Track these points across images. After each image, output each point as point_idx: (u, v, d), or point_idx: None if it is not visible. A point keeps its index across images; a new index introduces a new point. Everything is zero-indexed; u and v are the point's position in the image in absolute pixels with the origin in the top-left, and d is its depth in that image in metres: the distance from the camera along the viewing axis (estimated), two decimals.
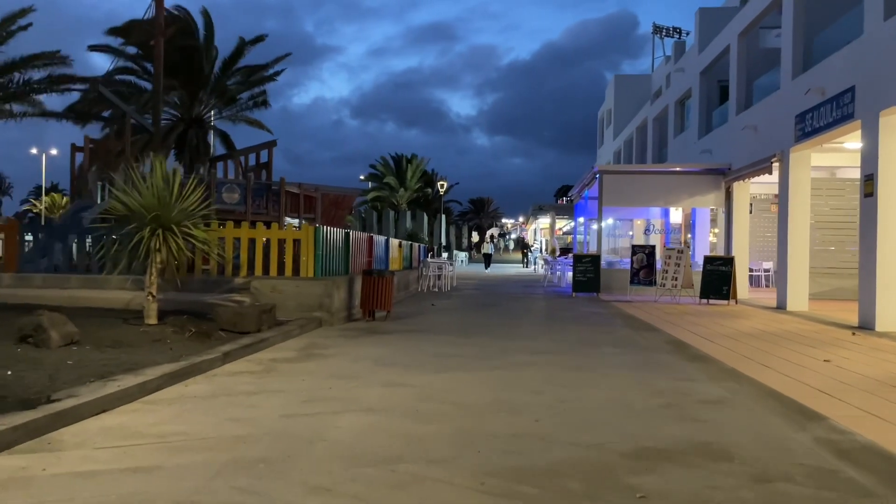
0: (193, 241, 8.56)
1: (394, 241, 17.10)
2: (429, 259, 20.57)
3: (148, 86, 31.02)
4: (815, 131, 13.02)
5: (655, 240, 27.69)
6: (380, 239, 15.27)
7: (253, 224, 10.85)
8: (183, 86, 29.28)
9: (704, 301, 15.68)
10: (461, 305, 14.62)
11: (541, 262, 37.65)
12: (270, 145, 20.15)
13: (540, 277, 29.09)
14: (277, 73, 32.40)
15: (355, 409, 5.07)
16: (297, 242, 10.59)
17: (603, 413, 5.11)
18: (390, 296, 10.96)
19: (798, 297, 14.17)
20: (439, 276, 19.56)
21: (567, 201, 74.89)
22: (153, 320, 8.21)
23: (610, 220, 40.04)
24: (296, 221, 19.59)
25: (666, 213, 24.51)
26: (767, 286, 19.51)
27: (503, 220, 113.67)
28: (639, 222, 33.25)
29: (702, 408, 5.28)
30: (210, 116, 32.69)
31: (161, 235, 8.13)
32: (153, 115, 14.93)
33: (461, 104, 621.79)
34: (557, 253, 32.75)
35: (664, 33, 41.38)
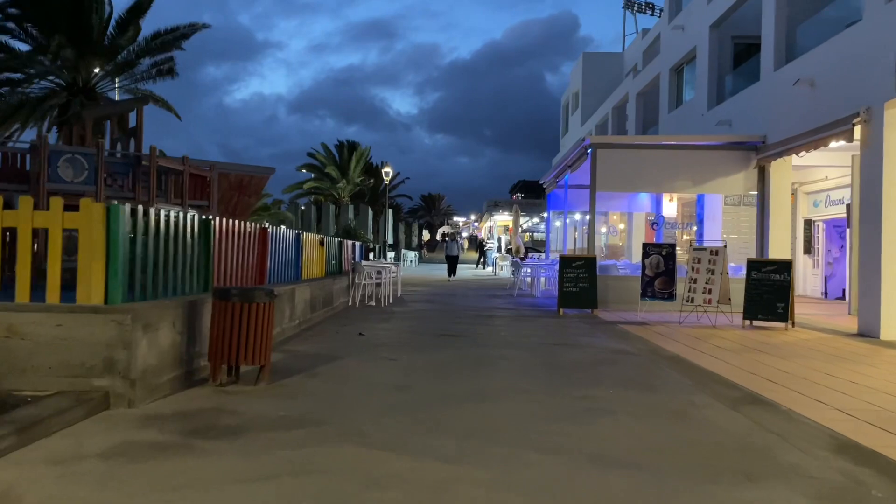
0: None
1: (310, 238, 12.02)
2: (363, 262, 15.53)
3: (23, 46, 25.25)
4: None
5: (651, 237, 23.27)
6: (283, 234, 10.17)
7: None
8: (68, 44, 23.49)
9: (748, 322, 11.11)
10: (404, 337, 9.62)
11: (500, 263, 33.00)
12: (140, 103, 14.75)
13: (502, 282, 24.32)
14: (186, 36, 26.97)
15: None
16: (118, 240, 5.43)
17: None
18: (267, 337, 5.87)
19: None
20: (379, 284, 14.56)
21: (521, 197, 70.62)
22: None
23: (577, 215, 35.64)
24: (183, 211, 14.30)
25: (658, 205, 20.03)
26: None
27: (455, 218, 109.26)
28: (615, 216, 28.90)
29: None
30: (106, 87, 26.90)
31: None
32: None
33: (402, 102, 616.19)
34: (523, 252, 28.07)
35: (636, 8, 37.22)
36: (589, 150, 13.89)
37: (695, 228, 15.73)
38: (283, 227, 10.36)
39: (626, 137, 17.77)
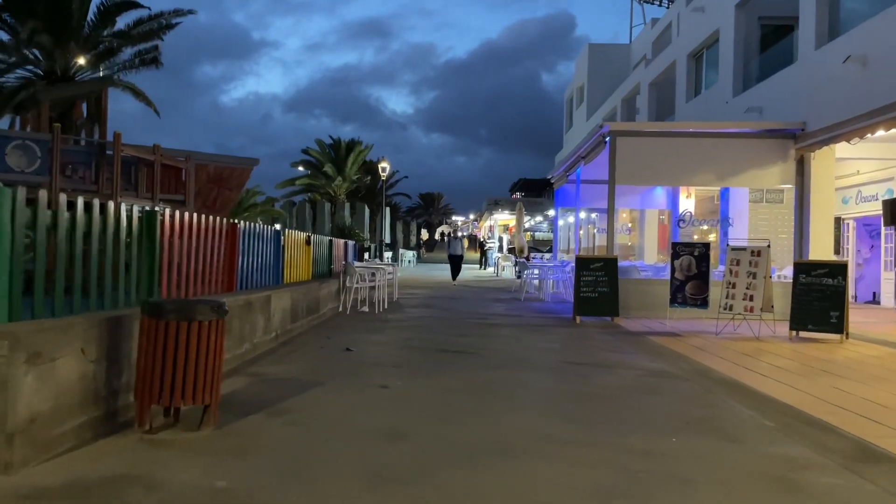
0: None
1: (294, 237, 10.57)
2: (356, 263, 14.07)
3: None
4: None
5: (664, 236, 21.89)
6: (260, 231, 8.71)
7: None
8: (44, 31, 21.99)
9: (794, 333, 9.67)
10: (400, 353, 8.16)
11: (503, 263, 31.59)
12: (103, 84, 13.27)
13: (506, 284, 22.88)
14: (170, 26, 25.46)
15: None
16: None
17: None
18: (214, 367, 4.39)
19: None
20: (373, 287, 13.11)
21: (522, 196, 69.01)
22: None
23: (582, 213, 34.28)
24: (154, 206, 12.82)
25: (674, 201, 18.58)
26: None
27: (454, 217, 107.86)
28: (624, 213, 27.46)
29: None
30: (86, 76, 25.44)
31: None
32: None
33: (398, 102, 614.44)
34: (526, 252, 26.65)
35: None
36: (607, 139, 12.44)
37: (729, 226, 14.26)
38: (259, 223, 8.91)
39: (650, 124, 16.33)
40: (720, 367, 7.08)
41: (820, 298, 9.49)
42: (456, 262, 23.85)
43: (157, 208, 6.45)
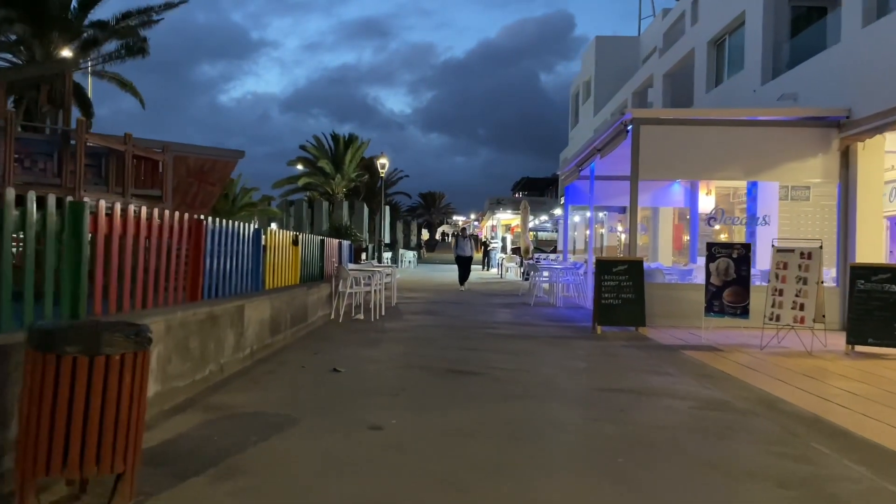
0: None
1: (277, 237, 9.30)
2: (350, 265, 12.79)
3: None
4: None
5: (680, 236, 20.71)
6: (234, 230, 7.45)
7: None
8: (21, 19, 20.73)
9: (850, 347, 8.40)
10: (397, 375, 6.91)
11: (507, 264, 30.36)
12: (66, 65, 11.95)
13: (512, 286, 21.62)
14: (153, 22, 24.26)
15: None
16: None
17: None
18: (133, 418, 3.12)
19: None
20: (369, 292, 11.83)
21: (525, 195, 67.57)
22: None
23: (588, 212, 33.07)
24: (124, 201, 11.55)
25: (692, 199, 17.30)
26: None
27: (455, 217, 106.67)
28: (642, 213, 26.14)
29: None
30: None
31: None
32: None
33: (396, 101, 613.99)
34: (532, 253, 25.40)
35: None
36: (629, 128, 11.16)
37: (760, 225, 12.95)
38: (233, 221, 7.64)
39: (677, 111, 14.98)
40: (787, 396, 5.81)
41: (881, 307, 8.21)
42: (465, 265, 20.41)
43: (131, 205, 5.19)
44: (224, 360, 6.24)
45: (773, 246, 9.03)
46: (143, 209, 5.41)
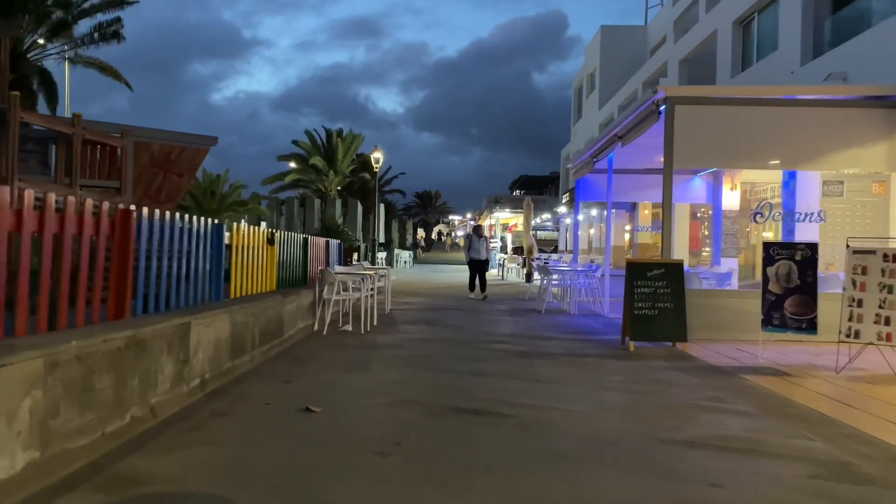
0: None
1: (246, 234, 7.69)
2: (337, 268, 11.18)
3: None
4: None
5: (697, 235, 19.26)
6: (175, 224, 5.85)
7: None
8: None
9: None
10: (389, 417, 5.31)
11: (509, 264, 28.81)
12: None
13: (516, 288, 20.06)
14: (125, 3, 22.59)
15: None
16: None
17: None
18: None
19: None
20: (359, 299, 10.21)
21: (523, 193, 65.92)
22: None
23: (594, 210, 31.57)
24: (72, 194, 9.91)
25: (715, 194, 15.76)
26: None
27: (451, 216, 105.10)
28: (646, 210, 24.73)
29: None
30: (40, 55, 22.55)
31: None
32: None
33: (388, 100, 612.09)
34: (536, 253, 23.84)
35: None
36: (661, 108, 9.57)
37: (822, 222, 11.35)
38: (184, 214, 6.03)
39: (720, 88, 13.16)
40: None
41: None
42: (480, 269, 16.42)
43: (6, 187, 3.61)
44: (157, 398, 4.63)
45: (847, 247, 7.45)
46: (28, 192, 3.80)
